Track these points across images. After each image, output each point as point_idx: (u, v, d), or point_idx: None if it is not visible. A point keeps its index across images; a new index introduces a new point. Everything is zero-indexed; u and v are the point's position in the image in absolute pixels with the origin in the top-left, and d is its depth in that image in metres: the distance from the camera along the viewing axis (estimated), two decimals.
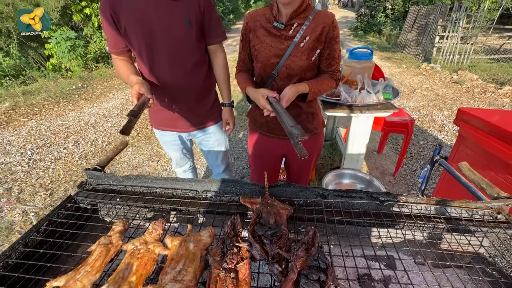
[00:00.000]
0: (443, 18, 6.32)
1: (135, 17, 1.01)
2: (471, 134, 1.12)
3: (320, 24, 0.97)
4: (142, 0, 1.00)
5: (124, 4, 1.00)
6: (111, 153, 0.87)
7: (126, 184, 0.79)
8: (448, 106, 4.17)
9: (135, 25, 1.03)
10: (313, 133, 1.18)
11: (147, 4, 1.00)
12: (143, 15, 1.01)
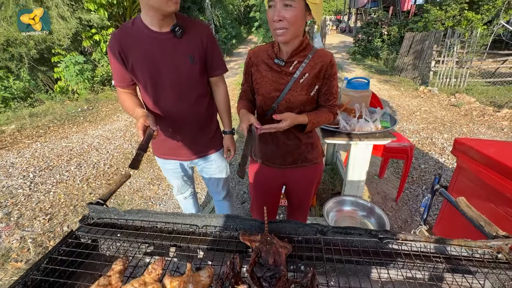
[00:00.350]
0: (438, 44, 6.55)
1: (142, 54, 1.08)
2: (469, 165, 1.13)
3: (319, 62, 1.03)
4: (148, 39, 1.07)
5: (131, 42, 1.07)
6: (114, 186, 0.88)
7: (127, 219, 0.79)
8: (448, 128, 4.21)
9: (141, 62, 1.09)
10: (312, 162, 1.20)
11: (153, 42, 1.07)
12: (149, 53, 1.08)
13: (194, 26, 1.13)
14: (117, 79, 1.15)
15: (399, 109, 5.27)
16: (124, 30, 1.08)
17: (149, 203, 2.43)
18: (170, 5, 0.98)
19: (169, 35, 1.07)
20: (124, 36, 1.06)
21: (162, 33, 1.07)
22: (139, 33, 1.06)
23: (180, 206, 1.75)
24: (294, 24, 0.91)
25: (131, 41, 1.07)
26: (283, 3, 0.88)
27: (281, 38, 0.95)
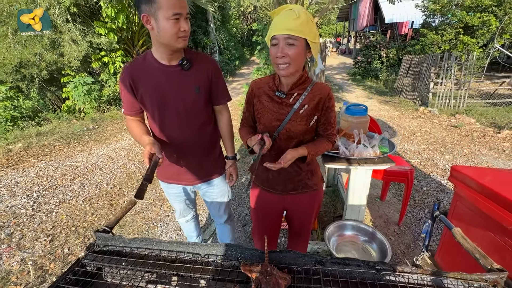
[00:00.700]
0: (435, 66, 6.74)
1: (151, 86, 1.15)
2: (466, 193, 1.15)
3: (317, 95, 1.09)
4: (157, 71, 1.15)
5: (142, 75, 1.15)
6: (119, 213, 0.92)
7: (132, 246, 0.82)
8: (449, 150, 4.22)
9: (150, 92, 1.16)
10: (312, 189, 1.23)
11: (162, 74, 1.15)
12: (158, 84, 1.15)
13: (201, 59, 1.21)
14: (127, 108, 1.22)
15: (399, 129, 5.33)
16: (136, 63, 1.16)
17: (150, 225, 2.43)
18: (179, 42, 1.07)
19: (177, 68, 1.15)
20: (135, 69, 1.15)
21: (170, 66, 1.15)
22: (149, 67, 1.15)
23: (182, 228, 1.76)
24: (295, 60, 0.99)
25: (141, 74, 1.14)
26: (286, 42, 0.96)
27: (283, 72, 1.02)
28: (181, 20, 1.02)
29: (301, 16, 0.93)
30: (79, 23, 6.25)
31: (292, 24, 0.92)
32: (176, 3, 0.98)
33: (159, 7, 0.97)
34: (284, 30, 0.94)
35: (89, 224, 2.43)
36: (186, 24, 1.05)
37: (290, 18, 0.93)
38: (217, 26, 11.93)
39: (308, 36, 0.96)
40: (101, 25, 6.48)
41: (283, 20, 0.95)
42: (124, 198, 2.90)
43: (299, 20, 0.92)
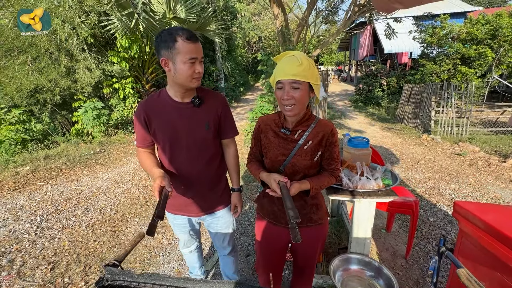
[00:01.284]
0: (436, 95, 6.89)
1: (164, 121, 1.23)
2: (470, 230, 1.15)
3: (321, 131, 1.15)
4: (170, 108, 1.23)
5: (156, 110, 1.23)
6: (129, 247, 0.94)
7: (139, 281, 0.83)
8: (454, 178, 4.19)
9: (162, 127, 1.23)
10: (317, 223, 1.24)
11: (174, 111, 1.23)
12: (170, 120, 1.23)
13: (211, 96, 1.30)
14: (139, 141, 1.28)
15: (403, 157, 5.33)
16: (151, 100, 1.25)
17: (152, 253, 2.39)
18: (193, 82, 1.16)
19: (189, 105, 1.23)
20: (150, 105, 1.23)
21: (183, 103, 1.23)
22: (163, 103, 1.23)
23: (185, 258, 1.74)
24: (300, 102, 1.06)
25: (155, 110, 1.22)
26: (291, 86, 1.04)
27: (290, 113, 1.09)
28: (196, 63, 1.12)
29: (303, 63, 1.02)
30: (94, 52, 6.63)
31: (296, 70, 1.01)
32: (193, 49, 1.09)
33: (178, 52, 1.07)
34: (289, 75, 1.02)
35: (90, 252, 2.40)
36: (200, 66, 1.15)
37: (294, 64, 1.02)
38: (224, 54, 12.52)
39: (311, 79, 1.04)
40: (115, 54, 6.87)
41: (287, 66, 1.04)
42: (127, 224, 2.89)
43: (302, 67, 1.01)
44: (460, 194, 3.68)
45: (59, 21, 5.72)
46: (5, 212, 3.11)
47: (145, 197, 3.52)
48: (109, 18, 6.21)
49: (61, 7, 5.72)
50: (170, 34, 1.06)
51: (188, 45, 1.07)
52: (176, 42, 1.06)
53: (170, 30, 1.08)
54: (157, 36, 1.11)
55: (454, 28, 8.54)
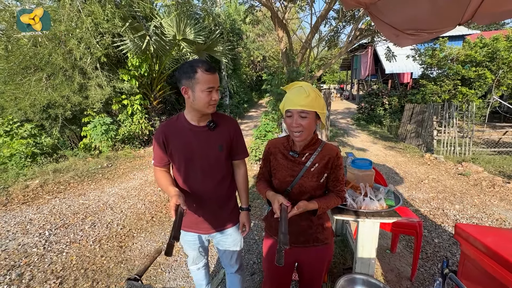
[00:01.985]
0: (437, 115, 7.00)
1: (180, 142, 1.34)
2: (472, 252, 1.20)
3: (327, 155, 1.24)
4: (187, 131, 1.34)
5: (173, 133, 1.34)
6: (148, 262, 1.00)
7: None
8: (458, 199, 4.19)
9: (179, 148, 1.34)
10: (323, 243, 1.30)
11: (191, 133, 1.34)
12: (186, 142, 1.33)
13: (225, 120, 1.42)
14: (157, 160, 1.39)
15: (406, 176, 5.35)
16: (170, 123, 1.37)
17: (158, 270, 2.41)
18: (209, 109, 1.28)
19: (205, 128, 1.35)
20: (169, 128, 1.35)
21: (199, 126, 1.34)
22: (181, 126, 1.35)
23: (192, 276, 1.77)
24: (308, 129, 1.17)
25: (173, 132, 1.34)
26: (299, 115, 1.14)
27: (298, 139, 1.19)
28: (213, 91, 1.25)
29: (311, 94, 1.13)
30: (106, 70, 6.93)
31: (304, 101, 1.12)
32: (211, 80, 1.22)
33: (197, 82, 1.20)
34: (297, 106, 1.13)
35: (98, 267, 2.43)
36: (217, 94, 1.27)
37: (302, 96, 1.13)
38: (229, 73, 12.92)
39: (317, 109, 1.15)
40: (126, 72, 7.17)
41: (296, 97, 1.15)
42: (134, 240, 2.92)
43: (309, 98, 1.12)
44: (465, 215, 3.67)
45: (76, 41, 6.05)
46: (15, 225, 3.17)
47: (151, 213, 3.57)
48: (122, 39, 6.55)
49: (78, 29, 6.06)
50: (191, 66, 1.20)
51: (207, 76, 1.20)
52: (196, 73, 1.19)
53: (191, 62, 1.22)
54: (180, 67, 1.24)
55: (453, 51, 8.81)
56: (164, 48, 7.07)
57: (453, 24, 1.54)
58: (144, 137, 7.90)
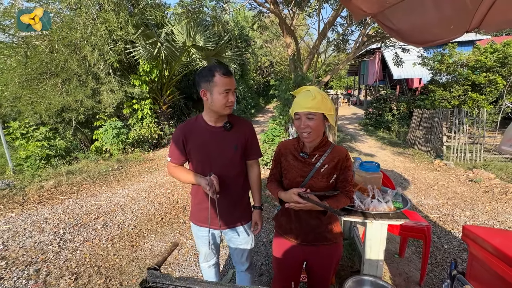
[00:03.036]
0: (447, 121, 6.92)
1: (198, 142, 1.42)
2: (479, 253, 1.21)
3: (336, 156, 1.29)
4: (205, 131, 1.42)
5: (192, 133, 1.43)
6: (166, 254, 1.06)
7: (176, 284, 0.94)
8: (469, 206, 4.13)
9: (197, 148, 1.42)
10: (332, 242, 1.34)
11: (208, 133, 1.42)
12: (204, 141, 1.42)
13: (240, 122, 1.50)
14: (175, 158, 1.46)
15: (416, 182, 5.30)
16: (188, 124, 1.45)
17: (168, 269, 2.47)
18: (226, 110, 1.36)
19: (221, 129, 1.43)
20: (188, 128, 1.44)
21: (216, 127, 1.43)
22: (199, 127, 1.43)
23: (202, 273, 1.82)
24: (315, 130, 1.22)
25: (192, 132, 1.43)
26: (307, 117, 1.20)
27: (307, 140, 1.25)
28: (229, 93, 1.33)
29: (317, 97, 1.18)
30: (118, 76, 7.14)
31: (310, 104, 1.18)
32: (228, 82, 1.30)
33: (215, 85, 1.29)
34: (304, 108, 1.19)
35: (110, 265, 2.50)
36: (233, 96, 1.35)
37: (309, 98, 1.18)
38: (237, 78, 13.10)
39: (324, 110, 1.20)
40: (137, 77, 7.38)
41: (303, 100, 1.20)
42: (144, 240, 2.99)
43: (315, 100, 1.18)
44: (476, 222, 3.61)
45: (90, 48, 6.28)
46: (31, 224, 3.29)
47: (160, 214, 3.64)
48: (134, 45, 6.76)
49: (93, 36, 6.30)
50: (210, 70, 1.29)
51: (224, 79, 1.28)
52: (214, 77, 1.28)
53: (210, 67, 1.31)
54: (198, 72, 1.33)
55: (463, 56, 8.73)
56: (174, 54, 7.26)
57: (461, 31, 1.57)
58: (153, 140, 8.05)
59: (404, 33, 1.78)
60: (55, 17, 6.52)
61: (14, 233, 3.05)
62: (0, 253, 2.64)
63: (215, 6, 6.76)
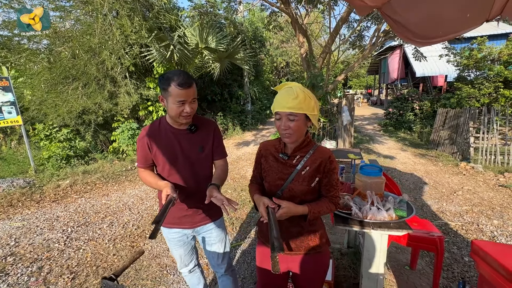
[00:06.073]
0: (474, 120, 6.38)
1: (163, 144, 1.38)
2: (488, 273, 1.02)
3: (319, 158, 1.16)
4: (169, 133, 1.38)
5: (157, 135, 1.39)
6: (127, 262, 1.00)
7: None
8: (498, 214, 3.73)
9: (162, 150, 1.38)
10: (315, 251, 1.21)
11: (172, 136, 1.38)
12: (169, 143, 1.38)
13: (205, 123, 1.47)
14: (142, 161, 1.43)
15: (437, 186, 4.91)
16: (152, 126, 1.42)
17: (164, 272, 2.44)
18: (181, 120, 1.32)
19: (185, 131, 1.39)
20: (152, 131, 1.40)
21: (180, 129, 1.40)
22: (163, 129, 1.40)
23: (186, 281, 1.75)
24: (297, 131, 1.11)
25: (156, 135, 1.39)
26: (287, 118, 1.09)
27: (287, 140, 1.14)
28: (185, 104, 1.27)
29: (299, 95, 1.06)
30: (134, 79, 7.37)
31: (292, 103, 1.06)
32: (182, 94, 1.23)
33: (170, 95, 1.24)
34: (285, 108, 1.07)
35: (109, 265, 2.52)
36: (189, 107, 1.28)
37: (290, 97, 1.07)
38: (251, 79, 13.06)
39: (307, 111, 1.08)
40: (152, 80, 7.57)
41: (284, 98, 1.09)
42: (145, 240, 3.00)
43: (297, 99, 1.06)
44: (505, 232, 3.25)
45: (108, 52, 6.54)
46: (43, 221, 3.43)
47: None
48: (148, 49, 6.94)
49: (110, 41, 6.55)
50: (167, 79, 1.24)
51: (178, 91, 1.22)
52: (169, 87, 1.23)
53: (168, 75, 1.25)
54: (159, 77, 1.29)
55: (494, 50, 8.03)
56: (187, 57, 7.35)
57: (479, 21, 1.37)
58: None
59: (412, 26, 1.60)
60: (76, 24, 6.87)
61: (27, 230, 3.20)
62: (11, 249, 2.77)
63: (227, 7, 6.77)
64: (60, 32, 6.72)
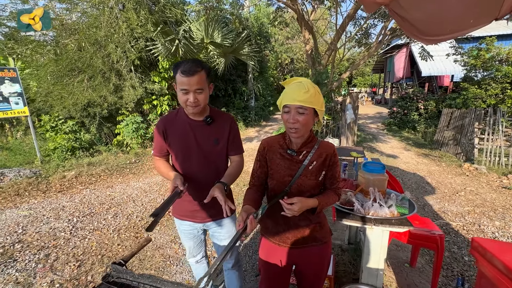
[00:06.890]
0: (479, 121, 6.33)
1: (178, 134, 1.39)
2: (487, 270, 1.04)
3: (324, 152, 1.19)
4: (185, 124, 1.39)
5: (173, 125, 1.40)
6: (135, 249, 1.03)
7: (139, 281, 0.91)
8: (500, 215, 3.73)
9: (177, 139, 1.40)
10: (321, 242, 1.25)
11: (188, 126, 1.39)
12: (184, 134, 1.39)
13: (222, 117, 1.46)
14: (157, 150, 1.45)
15: (439, 186, 4.91)
16: (170, 116, 1.43)
17: (167, 262, 2.49)
18: (188, 109, 1.33)
19: (201, 123, 1.40)
20: (169, 120, 1.42)
21: (196, 121, 1.40)
22: (180, 119, 1.41)
23: (192, 270, 1.80)
24: (305, 126, 1.12)
25: (173, 124, 1.40)
26: (297, 111, 1.10)
27: (295, 135, 1.15)
28: (189, 93, 1.26)
29: (310, 90, 1.08)
30: (139, 73, 7.40)
31: (303, 97, 1.07)
32: (185, 82, 1.23)
33: (176, 82, 1.27)
34: (296, 101, 1.08)
35: (114, 254, 2.58)
36: (193, 97, 1.26)
37: (301, 91, 1.08)
38: (255, 75, 13.02)
39: (316, 106, 1.10)
40: (156, 74, 7.59)
41: (294, 92, 1.10)
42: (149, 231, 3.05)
43: (308, 93, 1.07)
44: (506, 233, 3.25)
45: (113, 45, 6.56)
46: (50, 211, 3.50)
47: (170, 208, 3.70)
48: (154, 43, 6.95)
49: (116, 34, 6.57)
50: (176, 66, 1.26)
51: (181, 78, 1.23)
52: (176, 74, 1.25)
53: (178, 63, 1.27)
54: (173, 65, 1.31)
55: (502, 51, 7.92)
56: (192, 51, 7.34)
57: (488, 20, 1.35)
58: None
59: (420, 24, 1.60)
60: (82, 16, 6.89)
61: (34, 219, 3.27)
62: (18, 237, 2.84)
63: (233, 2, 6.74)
64: (66, 24, 6.76)
